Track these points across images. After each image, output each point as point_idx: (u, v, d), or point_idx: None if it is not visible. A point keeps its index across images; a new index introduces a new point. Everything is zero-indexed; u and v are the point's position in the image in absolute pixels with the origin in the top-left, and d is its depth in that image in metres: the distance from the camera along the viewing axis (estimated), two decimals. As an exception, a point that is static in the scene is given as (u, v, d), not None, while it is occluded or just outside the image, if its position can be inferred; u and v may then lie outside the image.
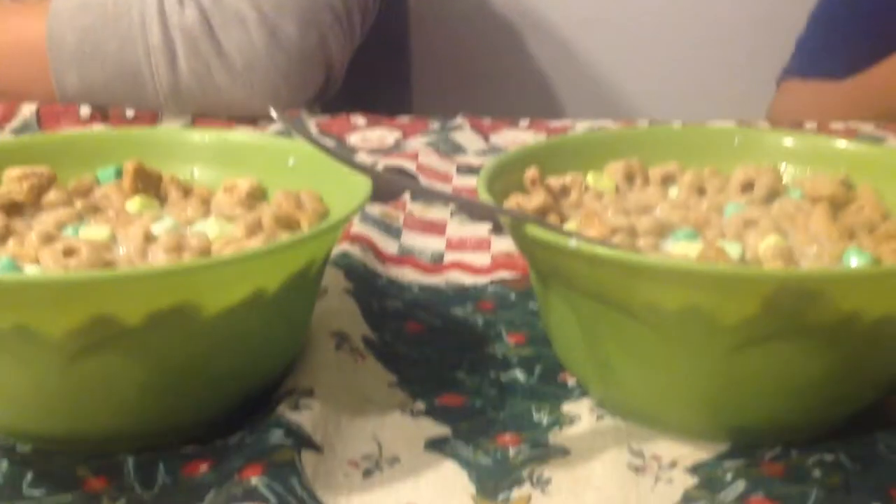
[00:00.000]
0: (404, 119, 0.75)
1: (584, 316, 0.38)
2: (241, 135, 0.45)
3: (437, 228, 0.55)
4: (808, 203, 0.43)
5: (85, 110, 0.73)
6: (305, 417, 0.36)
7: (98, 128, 0.71)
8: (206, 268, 0.32)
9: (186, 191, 0.42)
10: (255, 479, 0.32)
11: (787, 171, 0.46)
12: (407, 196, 0.58)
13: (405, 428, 0.38)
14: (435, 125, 0.73)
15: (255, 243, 0.36)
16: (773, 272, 0.35)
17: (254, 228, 0.38)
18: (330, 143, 0.69)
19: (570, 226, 0.41)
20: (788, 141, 0.47)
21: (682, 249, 0.39)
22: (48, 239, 0.36)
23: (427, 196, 0.58)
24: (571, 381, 0.41)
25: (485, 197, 0.39)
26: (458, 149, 0.68)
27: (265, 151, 0.44)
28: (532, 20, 1.44)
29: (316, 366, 0.39)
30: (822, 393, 0.36)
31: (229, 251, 0.36)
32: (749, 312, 0.34)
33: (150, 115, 0.73)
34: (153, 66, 0.72)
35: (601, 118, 0.76)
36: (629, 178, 0.46)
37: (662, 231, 0.41)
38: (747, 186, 0.45)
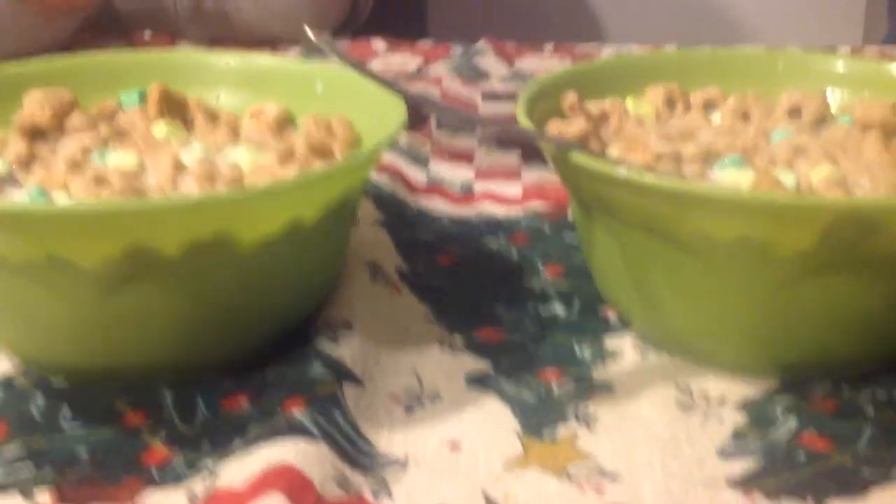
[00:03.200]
0: (425, 43, 0.73)
1: (630, 247, 0.36)
2: (267, 58, 0.43)
3: (465, 157, 0.54)
4: (859, 130, 0.41)
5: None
6: (345, 350, 0.35)
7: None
8: (245, 197, 0.31)
9: (213, 116, 0.41)
10: (298, 413, 0.32)
11: (835, 97, 0.44)
12: (433, 123, 0.56)
13: (444, 363, 0.37)
14: (457, 49, 0.71)
15: (289, 172, 0.35)
16: (833, 202, 0.34)
17: (286, 156, 0.36)
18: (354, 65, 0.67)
19: (612, 153, 0.40)
20: (835, 65, 0.45)
21: (731, 177, 0.37)
22: (76, 166, 0.34)
23: (465, 123, 0.56)
24: (613, 316, 0.40)
25: (525, 124, 0.38)
26: (481, 75, 0.66)
27: (292, 76, 0.42)
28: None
29: (352, 298, 0.38)
30: (875, 327, 0.35)
31: (263, 180, 0.34)
32: (805, 244, 0.32)
33: (167, 38, 0.71)
34: None
35: (627, 42, 0.74)
36: (670, 103, 0.44)
37: (708, 158, 0.39)
38: (794, 112, 0.43)
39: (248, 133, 0.39)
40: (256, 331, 0.35)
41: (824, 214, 0.32)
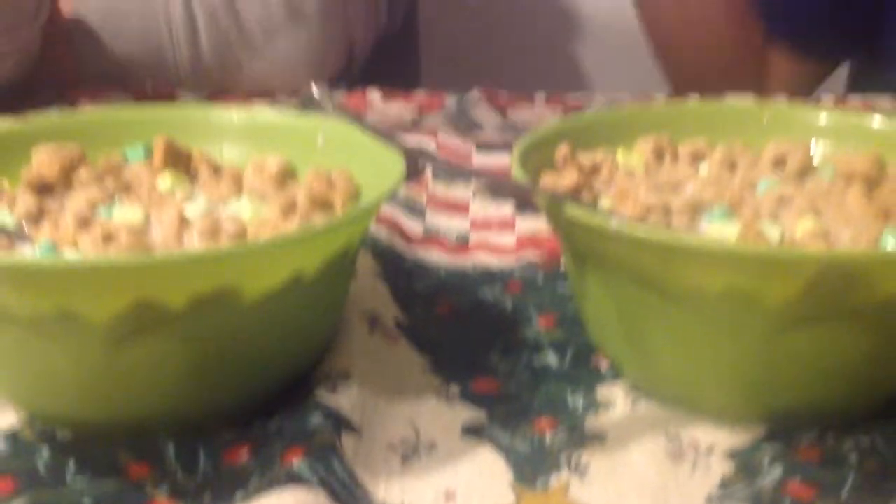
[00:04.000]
0: (420, 94, 0.74)
1: (621, 297, 0.37)
2: (270, 113, 0.45)
3: (460, 208, 0.55)
4: (842, 181, 0.42)
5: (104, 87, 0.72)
6: (343, 400, 0.36)
7: (118, 101, 0.70)
8: (248, 252, 0.32)
9: (216, 168, 0.42)
10: (297, 463, 0.32)
11: (818, 148, 0.46)
12: (429, 174, 0.58)
13: (441, 413, 0.37)
14: (451, 100, 0.72)
15: (291, 224, 0.36)
16: (816, 254, 0.35)
17: (288, 209, 0.37)
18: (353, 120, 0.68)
19: (604, 204, 0.41)
20: (819, 117, 0.46)
21: (719, 229, 0.39)
22: (84, 222, 0.35)
23: (461, 175, 0.57)
24: (604, 365, 0.41)
25: (520, 176, 0.39)
26: (475, 126, 0.68)
27: (293, 130, 0.44)
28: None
29: (351, 348, 0.39)
30: (861, 376, 0.36)
31: (266, 234, 0.35)
32: (791, 294, 0.34)
33: (168, 91, 0.72)
34: (175, 42, 0.71)
35: (615, 91, 0.76)
36: (659, 154, 0.45)
37: (697, 209, 0.40)
38: (779, 163, 0.44)
39: (250, 185, 0.40)
40: (257, 382, 0.35)
41: (808, 266, 0.33)
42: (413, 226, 0.52)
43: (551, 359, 0.41)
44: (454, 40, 1.42)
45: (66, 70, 0.73)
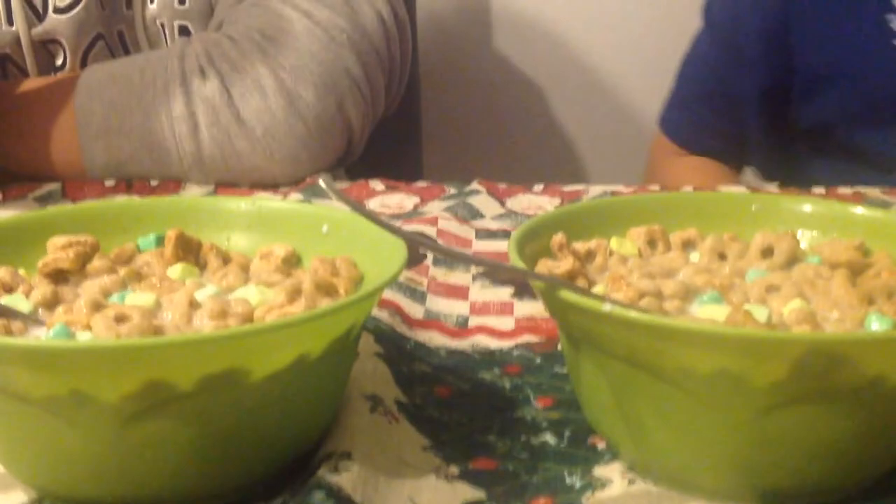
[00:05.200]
0: (422, 184, 0.76)
1: (616, 379, 0.38)
2: (276, 202, 0.47)
3: (460, 292, 0.57)
4: (827, 268, 0.44)
5: (109, 181, 0.74)
6: (345, 479, 0.37)
7: (123, 197, 0.72)
8: (256, 333, 0.33)
9: (225, 258, 0.43)
10: (300, 542, 0.33)
11: (805, 237, 0.47)
12: (430, 261, 0.59)
13: (441, 491, 0.38)
14: (452, 190, 0.74)
15: (297, 309, 0.38)
16: (801, 336, 0.36)
17: (294, 294, 0.39)
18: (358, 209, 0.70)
19: (598, 289, 0.42)
20: (805, 207, 0.48)
21: (709, 313, 0.40)
22: (97, 306, 0.37)
23: (461, 261, 0.59)
24: (601, 445, 0.41)
25: (517, 263, 0.41)
26: (475, 214, 0.70)
27: (299, 218, 0.45)
28: (536, 85, 1.47)
29: (352, 428, 0.40)
30: (849, 454, 0.37)
31: (272, 317, 0.37)
32: (778, 375, 0.35)
33: (173, 185, 0.75)
34: (177, 136, 0.73)
35: (612, 181, 0.78)
36: (651, 242, 0.47)
37: (688, 294, 0.42)
38: (767, 252, 0.46)
39: (257, 273, 0.42)
40: (263, 460, 0.36)
41: (794, 347, 0.34)
42: (414, 309, 0.54)
43: (549, 438, 0.42)
44: (456, 130, 1.46)
45: (72, 165, 0.76)
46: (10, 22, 0.81)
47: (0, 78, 0.81)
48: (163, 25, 0.83)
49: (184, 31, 0.83)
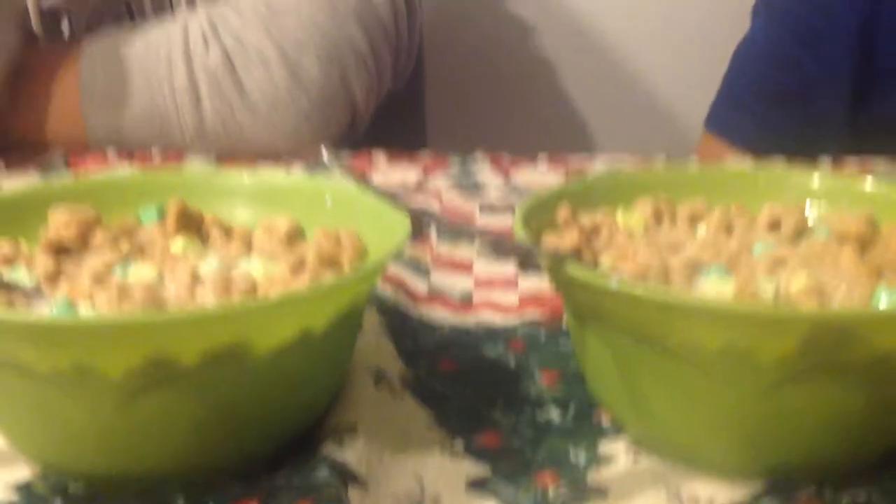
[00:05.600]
0: (424, 156, 0.76)
1: (622, 354, 0.38)
2: (279, 175, 0.46)
3: (464, 267, 0.56)
4: (835, 241, 0.43)
5: (111, 152, 0.74)
6: (350, 454, 0.36)
7: (124, 168, 0.72)
8: (260, 308, 0.33)
9: (227, 230, 0.43)
10: (305, 517, 0.33)
11: (812, 210, 0.47)
12: (433, 235, 0.59)
13: (445, 467, 0.38)
14: (455, 162, 0.74)
15: (300, 282, 0.37)
16: (809, 312, 0.36)
17: (298, 268, 0.38)
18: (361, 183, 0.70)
19: (604, 264, 0.42)
20: (813, 180, 0.48)
21: (716, 287, 0.40)
22: (100, 280, 0.36)
23: (465, 235, 0.59)
24: (606, 420, 0.41)
25: (522, 237, 0.40)
26: (479, 188, 0.69)
27: (302, 192, 0.45)
28: (542, 53, 1.46)
29: (357, 403, 0.40)
30: (856, 431, 0.37)
31: (276, 291, 0.36)
32: (786, 351, 0.34)
33: (175, 156, 0.74)
34: (179, 107, 0.73)
35: (617, 152, 0.77)
36: (657, 216, 0.47)
37: (694, 268, 0.41)
38: (774, 225, 0.46)
39: (260, 246, 0.42)
40: (266, 436, 0.36)
41: (802, 323, 0.34)
42: (418, 284, 0.53)
43: (554, 414, 0.42)
44: (460, 97, 1.45)
45: (74, 132, 0.75)
46: None
47: (18, 47, 0.80)
48: None
49: (190, 1, 0.82)
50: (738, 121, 1.01)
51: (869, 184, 0.47)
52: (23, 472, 0.37)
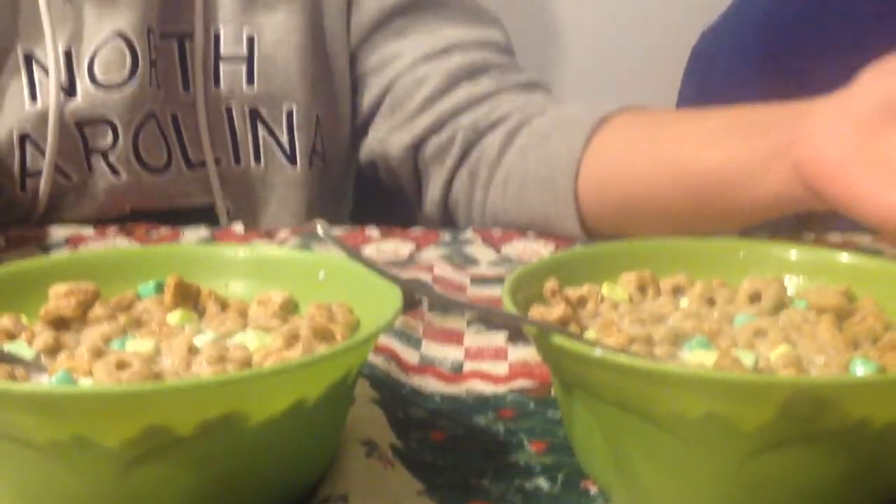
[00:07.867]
0: (416, 230, 0.77)
1: (607, 423, 0.39)
2: (273, 250, 0.48)
3: (455, 338, 0.57)
4: (814, 313, 0.45)
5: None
6: (341, 524, 0.37)
7: (124, 243, 0.73)
8: (254, 378, 0.34)
9: (223, 304, 0.44)
10: (296, 585, 0.34)
11: (792, 283, 0.48)
12: (425, 306, 0.60)
13: (436, 534, 0.39)
14: (446, 236, 0.75)
15: (294, 354, 0.38)
16: (787, 379, 0.37)
17: (291, 340, 0.39)
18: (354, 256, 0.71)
19: (590, 335, 0.43)
20: (792, 254, 0.49)
21: (697, 358, 0.41)
22: (98, 353, 0.38)
23: (456, 307, 0.60)
24: (594, 489, 0.42)
25: (510, 308, 0.42)
26: (471, 260, 0.71)
27: (296, 265, 0.46)
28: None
29: (348, 473, 0.40)
30: (836, 496, 0.38)
31: (270, 362, 0.38)
32: (765, 418, 0.36)
33: (172, 233, 0.76)
34: None
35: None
36: (642, 288, 0.48)
37: (677, 340, 0.43)
38: (755, 297, 0.47)
39: (255, 319, 0.43)
40: (260, 504, 0.37)
41: (780, 391, 0.35)
42: (409, 355, 0.54)
43: (542, 483, 0.43)
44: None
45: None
46: (33, 98, 0.74)
47: (17, 160, 0.75)
48: (229, 110, 0.78)
49: (254, 115, 0.79)
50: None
51: (846, 257, 0.48)
52: (19, 542, 0.37)
